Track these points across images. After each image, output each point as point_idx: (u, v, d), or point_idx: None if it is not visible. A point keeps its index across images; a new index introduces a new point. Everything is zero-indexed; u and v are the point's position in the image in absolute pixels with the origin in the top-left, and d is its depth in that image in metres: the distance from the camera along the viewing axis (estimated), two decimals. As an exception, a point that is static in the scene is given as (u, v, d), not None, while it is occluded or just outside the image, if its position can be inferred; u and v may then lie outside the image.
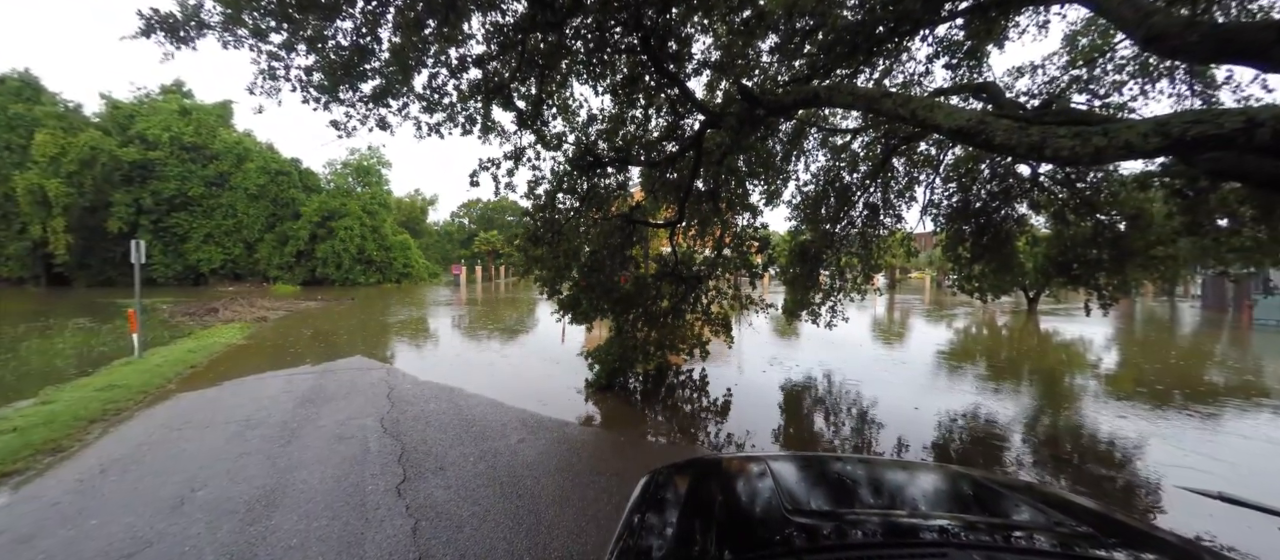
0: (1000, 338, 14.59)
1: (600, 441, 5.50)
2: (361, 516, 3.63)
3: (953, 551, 1.26)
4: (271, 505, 3.80)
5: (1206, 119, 2.37)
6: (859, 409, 7.02)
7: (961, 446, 5.64)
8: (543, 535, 3.45)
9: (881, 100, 3.50)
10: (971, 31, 6.07)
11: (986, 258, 10.33)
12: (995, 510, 1.66)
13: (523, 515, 3.70)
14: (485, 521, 3.60)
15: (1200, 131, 2.37)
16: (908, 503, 1.77)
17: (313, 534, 3.40)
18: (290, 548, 3.24)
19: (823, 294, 10.53)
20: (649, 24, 4.65)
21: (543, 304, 20.98)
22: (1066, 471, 4.94)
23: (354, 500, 3.88)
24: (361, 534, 3.39)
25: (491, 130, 6.30)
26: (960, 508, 1.74)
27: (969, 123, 2.87)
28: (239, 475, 4.34)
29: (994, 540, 1.39)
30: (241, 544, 3.28)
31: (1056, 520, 1.51)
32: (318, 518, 3.62)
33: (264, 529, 3.47)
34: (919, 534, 1.45)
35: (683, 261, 8.35)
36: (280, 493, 4.01)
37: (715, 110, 5.35)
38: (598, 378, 7.83)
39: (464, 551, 3.21)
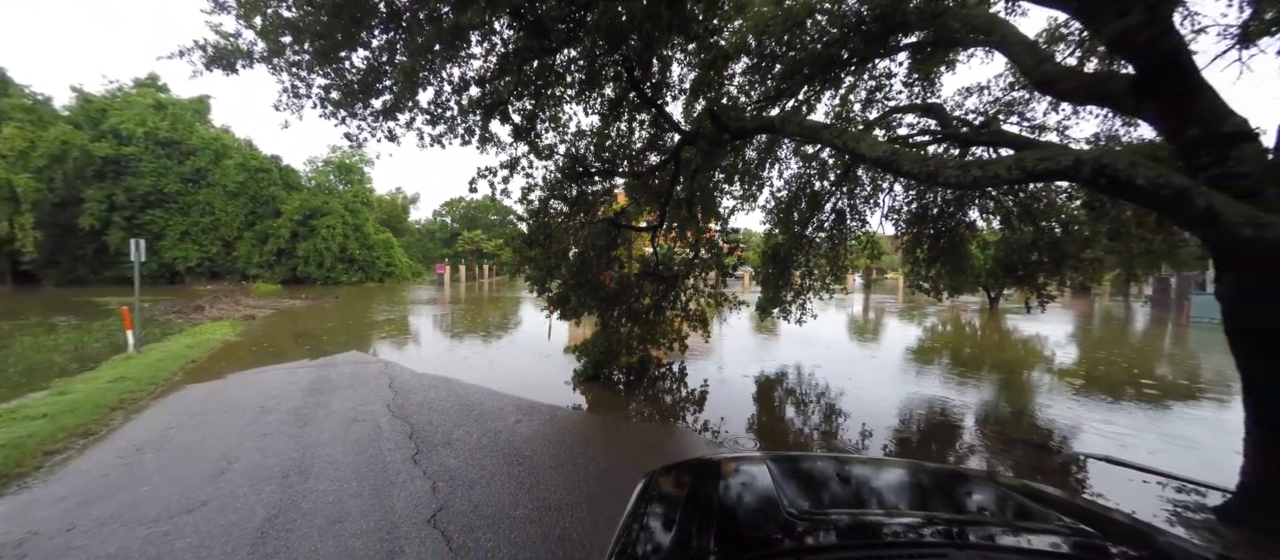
0: (961, 334, 15.68)
1: (589, 423, 6.15)
2: (386, 479, 4.23)
3: (953, 552, 1.27)
4: (304, 473, 4.36)
5: (1049, 157, 3.15)
6: (826, 399, 7.79)
7: (917, 428, 6.45)
8: (541, 491, 4.10)
9: (821, 131, 4.25)
10: (915, 64, 6.90)
11: (942, 260, 11.25)
12: (996, 510, 1.68)
13: (523, 477, 4.34)
14: (492, 481, 4.24)
15: (1045, 167, 3.15)
16: (908, 503, 1.79)
17: (346, 492, 3.99)
18: (329, 502, 3.83)
19: (794, 292, 11.36)
20: (632, 57, 5.32)
21: (527, 303, 21.51)
22: (996, 442, 5.79)
23: (376, 468, 4.47)
24: (389, 491, 4.00)
25: (489, 141, 6.89)
26: (961, 508, 1.75)
27: (884, 154, 3.63)
28: (268, 451, 4.87)
29: (995, 541, 1.39)
30: (286, 501, 3.85)
31: (1057, 520, 1.53)
32: (347, 481, 4.20)
33: (303, 490, 4.04)
34: (919, 534, 1.45)
35: (663, 262, 9.03)
36: (309, 463, 4.56)
37: (690, 130, 6.04)
38: (585, 369, 8.48)
39: (477, 502, 3.85)
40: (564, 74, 5.90)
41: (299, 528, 3.49)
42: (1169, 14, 3.14)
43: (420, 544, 3.27)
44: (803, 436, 6.13)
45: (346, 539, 3.36)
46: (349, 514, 3.69)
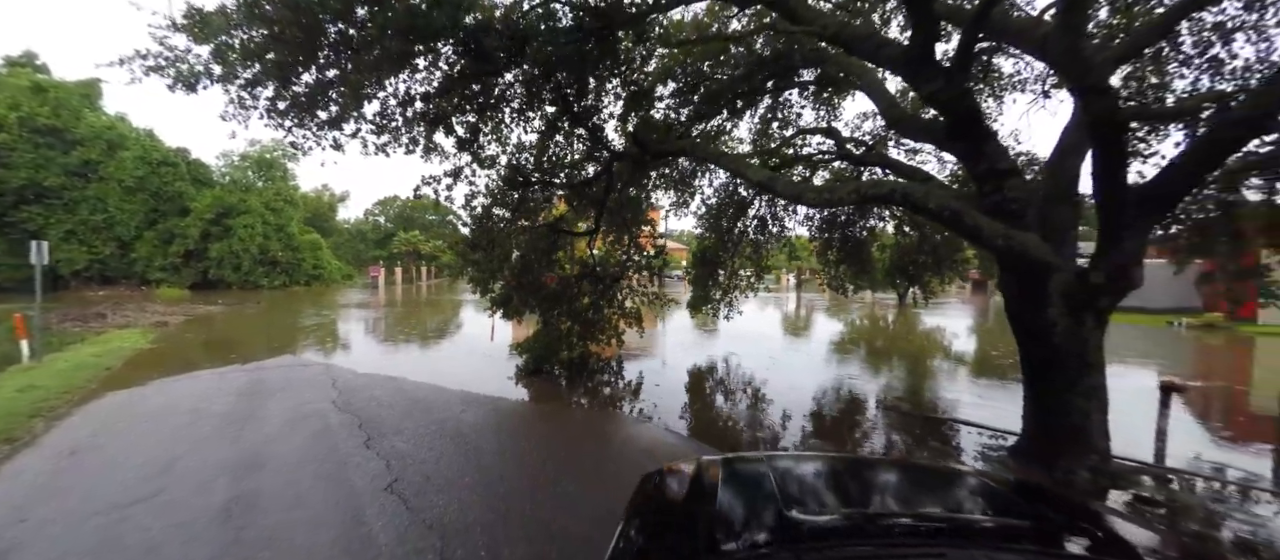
0: (872, 326, 17.66)
1: (531, 411, 6.76)
2: (341, 461, 4.64)
3: (952, 551, 1.28)
4: (256, 466, 4.66)
5: (882, 186, 4.24)
6: (751, 386, 8.80)
7: (822, 403, 7.58)
8: (487, 466, 4.70)
9: (720, 157, 5.20)
10: (814, 94, 8.11)
11: (848, 261, 12.78)
12: (994, 510, 1.69)
13: (470, 454, 4.91)
14: (442, 460, 4.77)
15: (876, 193, 4.22)
16: (907, 502, 1.80)
17: (304, 473, 4.37)
18: (290, 483, 4.21)
19: (722, 291, 12.47)
20: (566, 84, 6.00)
21: (469, 306, 21.44)
22: (879, 410, 7.03)
23: (330, 455, 4.85)
24: (345, 471, 4.43)
25: (433, 151, 7.30)
26: (959, 507, 1.76)
27: (763, 179, 4.60)
28: (214, 447, 5.08)
29: (993, 540, 1.39)
30: (245, 486, 4.19)
31: (1055, 520, 1.53)
32: (304, 465, 4.57)
33: (259, 479, 4.37)
34: (918, 533, 1.46)
35: (600, 264, 9.76)
36: (260, 456, 4.85)
37: (618, 151, 6.80)
38: (526, 364, 9.02)
39: (428, 475, 4.39)
40: (505, 95, 6.47)
41: (263, 505, 3.88)
42: (961, 83, 4.30)
43: (381, 507, 3.79)
44: (727, 417, 7.05)
45: (314, 507, 3.81)
46: (311, 490, 4.10)
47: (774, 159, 10.73)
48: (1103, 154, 4.15)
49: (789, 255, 14.14)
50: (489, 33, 5.44)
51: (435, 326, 15.95)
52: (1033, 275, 4.31)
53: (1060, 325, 4.34)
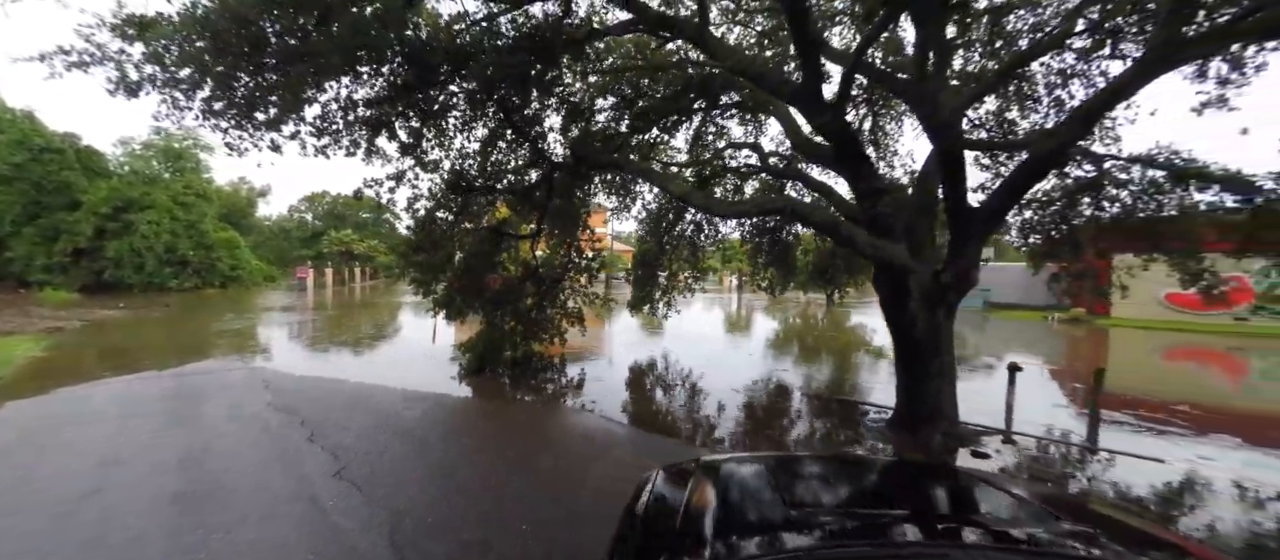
0: (803, 324, 19.17)
1: (475, 406, 7.10)
2: (287, 455, 4.82)
3: (953, 552, 1.29)
4: (200, 461, 4.73)
5: (775, 202, 5.06)
6: (688, 379, 9.52)
7: (751, 393, 8.41)
8: (433, 454, 5.06)
9: (647, 172, 5.86)
10: (737, 116, 9.00)
11: (775, 264, 13.92)
12: (995, 511, 1.68)
13: (417, 445, 5.24)
14: (388, 449, 5.07)
15: (773, 206, 5.06)
16: (909, 503, 1.81)
17: (252, 463, 4.54)
18: (238, 474, 4.37)
19: (661, 291, 13.21)
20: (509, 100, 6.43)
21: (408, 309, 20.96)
22: (798, 396, 7.96)
23: (275, 448, 5.00)
24: (294, 462, 4.64)
25: (375, 154, 7.44)
26: (961, 508, 1.77)
27: (682, 192, 5.31)
28: (151, 447, 5.05)
29: (994, 541, 1.40)
30: (193, 478, 4.30)
31: (1055, 520, 1.53)
32: (249, 460, 4.72)
33: (206, 470, 4.48)
34: (919, 534, 1.46)
35: (543, 265, 10.17)
36: (204, 452, 4.92)
37: (558, 161, 7.29)
38: (470, 363, 9.27)
39: (375, 463, 4.69)
40: (449, 105, 6.78)
41: (216, 495, 4.05)
42: (841, 115, 5.22)
43: (334, 490, 4.08)
44: (664, 408, 7.68)
45: (269, 491, 4.04)
46: (262, 479, 4.30)
47: (707, 169, 11.60)
48: (949, 178, 5.21)
49: (723, 259, 15.18)
50: (434, 49, 5.77)
51: (373, 330, 15.59)
52: (897, 277, 5.30)
53: (919, 318, 5.36)
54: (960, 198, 5.27)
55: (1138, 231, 7.58)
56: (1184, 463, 5.52)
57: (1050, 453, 5.95)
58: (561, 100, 6.75)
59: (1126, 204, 7.54)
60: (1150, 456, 5.66)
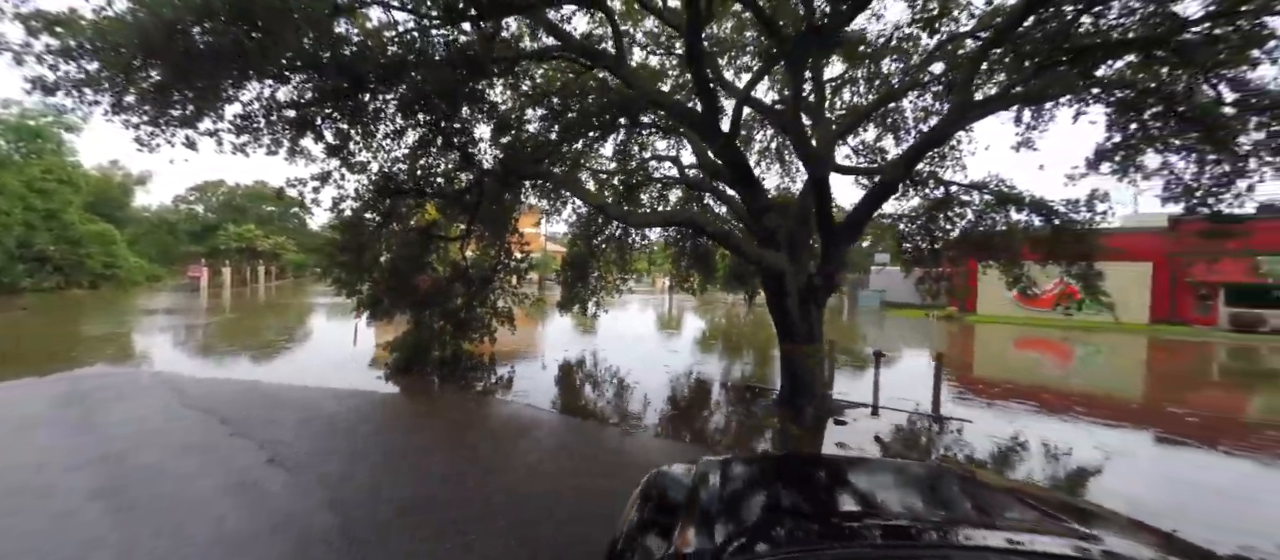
0: (728, 324, 20.68)
1: (404, 403, 7.37)
2: (214, 447, 4.95)
3: (955, 553, 1.34)
4: (124, 458, 4.71)
5: (681, 214, 5.96)
6: (615, 374, 10.19)
7: (673, 386, 9.27)
8: (363, 442, 5.40)
9: (568, 183, 6.55)
10: (656, 132, 9.91)
11: (696, 267, 15.04)
12: (997, 512, 1.70)
13: (342, 434, 5.55)
14: (315, 442, 5.34)
15: (677, 217, 5.97)
16: (911, 503, 1.81)
17: (183, 457, 4.64)
18: (168, 465, 4.47)
19: (590, 292, 13.86)
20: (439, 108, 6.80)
21: (324, 311, 19.97)
22: (715, 387, 8.95)
23: (200, 443, 5.09)
24: (223, 454, 4.80)
25: (300, 154, 7.46)
26: (963, 509, 1.77)
27: (599, 203, 6.07)
28: (72, 451, 4.87)
29: (996, 542, 1.41)
30: (121, 471, 4.34)
31: (1055, 520, 1.57)
32: (176, 453, 4.80)
33: (133, 464, 4.53)
34: (922, 535, 1.48)
35: (474, 266, 10.46)
36: (123, 451, 4.88)
37: (488, 169, 7.72)
38: (397, 362, 9.40)
39: (305, 452, 4.98)
40: (380, 113, 7.02)
41: (151, 481, 4.17)
42: (732, 140, 6.22)
43: (269, 475, 4.36)
44: (589, 400, 8.31)
45: (205, 477, 4.22)
46: (193, 468, 4.44)
47: (633, 179, 12.40)
48: (817, 199, 6.39)
49: (648, 262, 16.24)
50: (364, 59, 6.05)
51: (285, 333, 14.84)
52: (778, 279, 6.40)
53: (796, 312, 6.50)
54: (827, 214, 6.48)
55: (977, 243, 9.39)
56: (989, 423, 7.15)
57: (903, 421, 7.37)
58: (491, 112, 7.22)
59: (970, 221, 9.33)
60: (963, 418, 7.24)
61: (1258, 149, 6.83)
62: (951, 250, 10.72)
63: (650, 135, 10.86)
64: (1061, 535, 1.45)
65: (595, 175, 14.04)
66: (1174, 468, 5.85)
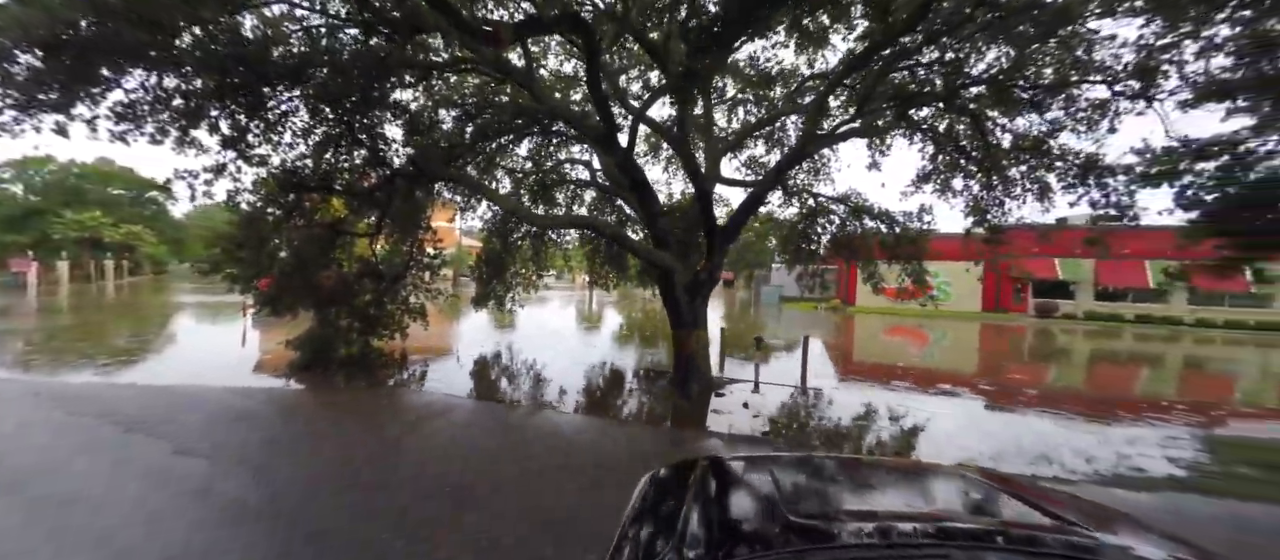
0: (644, 317, 21.85)
1: (311, 398, 7.43)
2: (118, 445, 4.91)
3: (954, 552, 1.32)
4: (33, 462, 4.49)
5: (584, 218, 6.78)
6: (531, 367, 10.68)
7: (584, 374, 9.99)
8: (275, 432, 5.58)
9: (480, 188, 7.11)
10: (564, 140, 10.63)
11: (610, 265, 15.93)
12: (996, 511, 1.71)
13: (256, 427, 5.68)
14: (231, 432, 5.45)
15: (581, 221, 6.78)
16: (909, 503, 1.85)
17: (81, 451, 4.56)
18: (82, 463, 4.40)
19: (506, 287, 14.21)
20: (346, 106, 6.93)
21: (197, 312, 18.15)
22: (623, 373, 9.84)
23: (98, 441, 4.97)
24: (129, 449, 4.78)
25: (190, 145, 7.16)
26: (961, 508, 1.79)
27: (508, 205, 6.72)
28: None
29: (995, 541, 1.42)
30: (27, 462, 4.19)
31: (1056, 520, 1.56)
32: (75, 452, 4.68)
33: (43, 457, 4.38)
34: (920, 534, 1.47)
35: (384, 262, 10.44)
36: (12, 450, 4.64)
37: (398, 169, 7.93)
38: (300, 360, 9.21)
39: (215, 442, 5.10)
40: (284, 108, 6.99)
41: (59, 472, 4.13)
42: (628, 155, 7.15)
43: (183, 463, 4.51)
44: (503, 387, 8.82)
45: (131, 467, 4.25)
46: (108, 466, 4.42)
47: (549, 178, 12.94)
48: (702, 207, 7.54)
49: (565, 258, 16.91)
50: (264, 59, 6.08)
51: (151, 335, 13.45)
52: (668, 275, 7.48)
53: (684, 304, 7.62)
54: (711, 219, 7.68)
55: (843, 245, 11.24)
56: (848, 393, 8.84)
57: (778, 394, 8.81)
58: (402, 112, 7.44)
59: (837, 227, 11.13)
60: (828, 390, 8.87)
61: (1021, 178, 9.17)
62: (824, 251, 12.64)
63: (563, 140, 11.55)
64: (1064, 536, 1.45)
65: (511, 174, 14.42)
66: (978, 419, 7.73)
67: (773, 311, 27.73)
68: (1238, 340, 18.62)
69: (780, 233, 13.27)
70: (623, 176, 7.58)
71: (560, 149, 12.73)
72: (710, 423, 6.79)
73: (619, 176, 8.03)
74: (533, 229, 14.79)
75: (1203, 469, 5.38)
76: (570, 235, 15.76)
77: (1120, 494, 4.54)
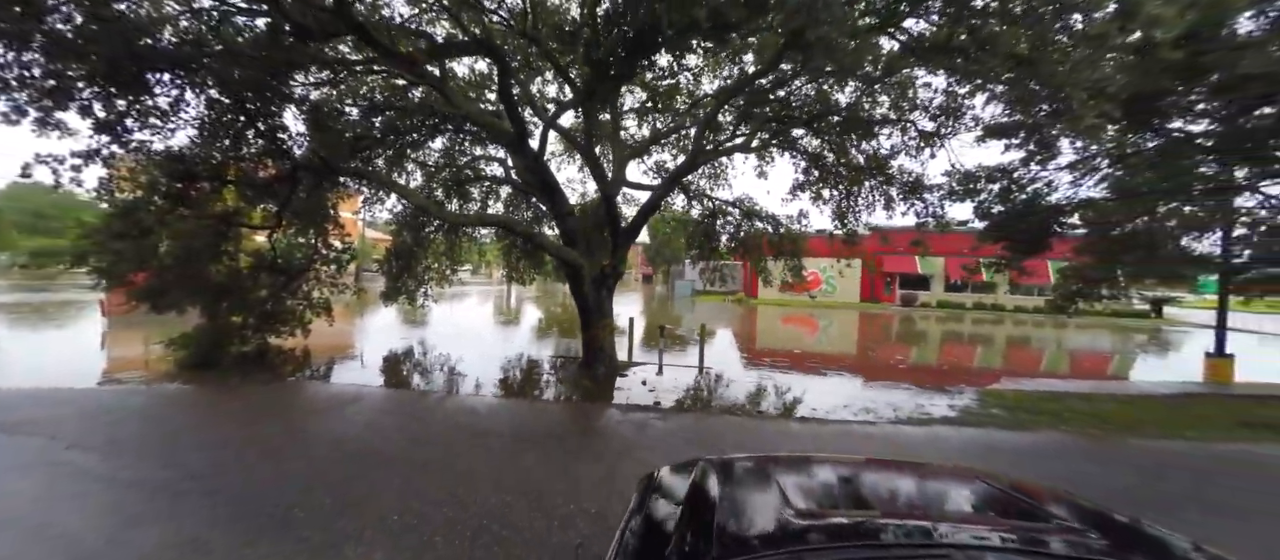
0: (560, 310, 22.30)
1: (206, 394, 7.21)
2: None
3: (955, 552, 1.31)
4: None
5: (494, 217, 7.35)
6: (444, 362, 10.79)
7: (498, 365, 10.37)
8: (172, 426, 5.55)
9: (390, 184, 7.40)
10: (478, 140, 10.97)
11: (527, 259, 16.32)
12: (997, 510, 1.71)
13: (149, 421, 5.60)
14: (116, 425, 5.32)
15: (491, 219, 7.36)
16: (911, 503, 1.85)
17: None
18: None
19: (417, 282, 14.05)
20: (251, 103, 6.84)
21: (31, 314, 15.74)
22: (541, 361, 10.39)
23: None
24: (12, 449, 4.56)
25: (54, 127, 6.58)
26: (963, 508, 1.79)
27: (419, 201, 7.11)
28: None
29: (996, 541, 1.40)
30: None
31: (1057, 520, 1.56)
32: None
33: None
34: (921, 534, 1.47)
35: (283, 256, 10.05)
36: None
37: (302, 162, 7.84)
38: (188, 357, 8.71)
39: (110, 437, 5.02)
40: (177, 98, 6.69)
41: None
42: (537, 159, 7.81)
43: (81, 456, 4.47)
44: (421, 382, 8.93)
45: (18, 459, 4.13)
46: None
47: (463, 174, 13.05)
48: (607, 209, 8.42)
49: (480, 253, 17.00)
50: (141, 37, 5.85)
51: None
52: (576, 269, 8.27)
53: (591, 295, 8.46)
54: (615, 219, 8.58)
55: (740, 243, 12.69)
56: (741, 372, 10.21)
57: (678, 375, 9.94)
58: (305, 104, 7.36)
59: (733, 228, 12.54)
60: (723, 370, 10.19)
61: (871, 191, 11.13)
62: (724, 249, 14.10)
63: (478, 137, 11.82)
64: (1066, 537, 1.45)
65: (423, 167, 14.26)
66: (835, 385, 9.33)
67: (686, 304, 29.84)
68: (1040, 323, 23.44)
69: (686, 232, 14.55)
70: (533, 178, 8.21)
71: (475, 145, 12.96)
72: (614, 399, 7.67)
73: (530, 178, 8.64)
74: (445, 226, 14.87)
75: (968, 411, 7.29)
76: (486, 229, 15.95)
77: (906, 429, 6.18)
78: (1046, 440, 5.97)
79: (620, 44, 4.98)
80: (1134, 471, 5.05)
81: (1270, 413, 7.35)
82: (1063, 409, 7.32)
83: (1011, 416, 6.91)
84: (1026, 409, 7.33)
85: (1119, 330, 21.76)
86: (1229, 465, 5.30)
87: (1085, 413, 7.12)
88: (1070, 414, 7.05)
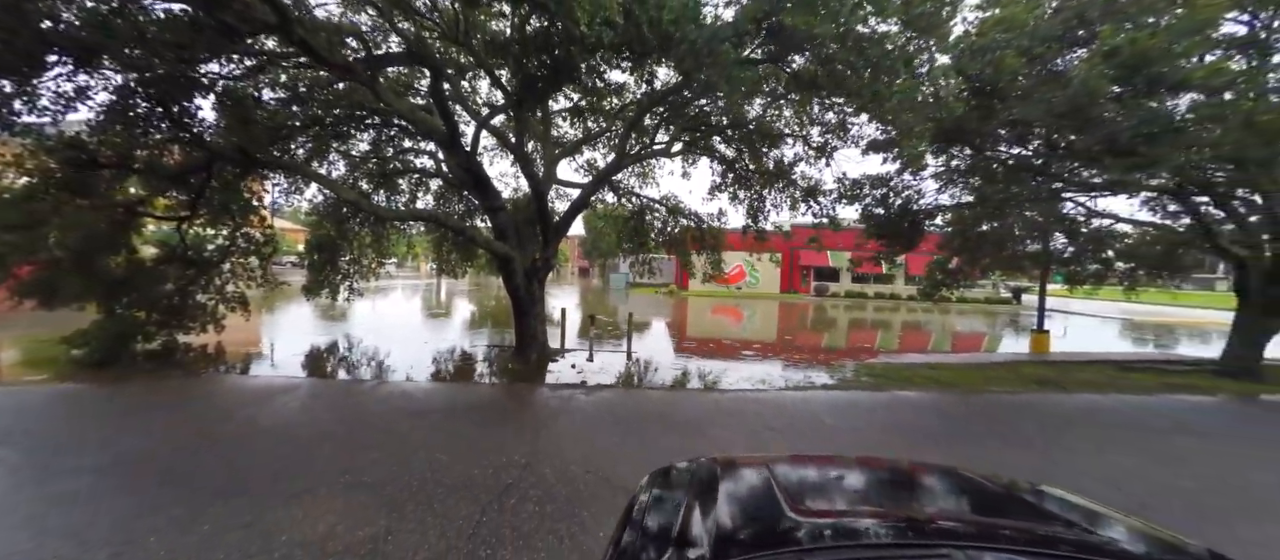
0: (495, 303, 22.25)
1: (112, 393, 6.96)
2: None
3: (954, 552, 1.30)
4: None
5: (424, 212, 7.73)
6: (370, 356, 10.75)
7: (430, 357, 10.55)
8: (92, 423, 5.50)
9: (316, 176, 7.55)
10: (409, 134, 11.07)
11: (459, 252, 16.34)
12: (995, 511, 1.74)
13: (64, 419, 5.48)
14: (34, 421, 5.21)
15: (421, 214, 7.72)
16: (909, 503, 1.87)
17: None
18: None
19: (341, 276, 13.70)
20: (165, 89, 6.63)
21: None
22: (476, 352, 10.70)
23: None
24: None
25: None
26: (961, 508, 1.82)
27: (347, 195, 7.35)
28: None
29: (995, 541, 1.42)
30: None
31: (1056, 520, 1.59)
32: None
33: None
34: (920, 534, 1.48)
35: (193, 248, 9.62)
36: None
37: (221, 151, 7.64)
38: (89, 355, 8.21)
39: (26, 429, 4.95)
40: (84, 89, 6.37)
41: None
42: (469, 157, 8.25)
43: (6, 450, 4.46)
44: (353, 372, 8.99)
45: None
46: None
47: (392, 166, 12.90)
48: (537, 204, 9.01)
49: (408, 245, 16.76)
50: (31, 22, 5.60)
51: None
52: (509, 263, 8.81)
53: (522, 287, 9.03)
54: (546, 214, 9.20)
55: (669, 238, 13.66)
56: (665, 357, 11.18)
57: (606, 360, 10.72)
58: (225, 94, 7.20)
59: (661, 223, 13.48)
60: (649, 356, 11.12)
61: (778, 194, 12.52)
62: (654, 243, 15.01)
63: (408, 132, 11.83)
64: (1065, 536, 1.45)
65: (348, 158, 13.88)
66: (748, 365, 10.54)
67: (620, 295, 30.87)
68: (928, 309, 26.88)
69: (618, 228, 15.32)
70: (466, 174, 8.62)
71: (405, 138, 12.87)
72: (545, 380, 8.32)
73: (463, 173, 9.00)
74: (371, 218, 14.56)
75: (844, 379, 8.78)
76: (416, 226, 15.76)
77: (789, 394, 7.44)
78: (892, 398, 7.48)
79: (543, 66, 5.62)
80: (950, 417, 6.58)
81: (1055, 372, 9.52)
82: (913, 375, 9.02)
83: (875, 381, 8.46)
84: (888, 377, 8.95)
85: (986, 314, 25.60)
86: (1017, 411, 7.02)
87: (929, 377, 8.85)
88: (920, 378, 8.74)
